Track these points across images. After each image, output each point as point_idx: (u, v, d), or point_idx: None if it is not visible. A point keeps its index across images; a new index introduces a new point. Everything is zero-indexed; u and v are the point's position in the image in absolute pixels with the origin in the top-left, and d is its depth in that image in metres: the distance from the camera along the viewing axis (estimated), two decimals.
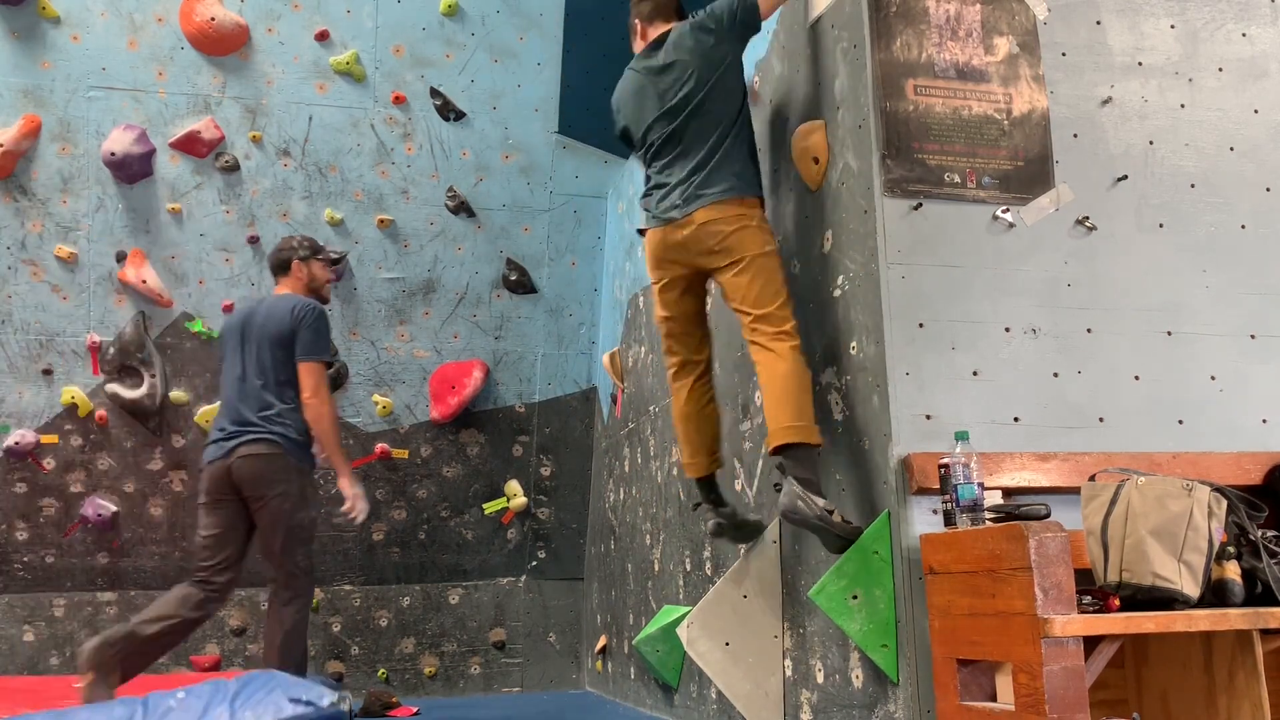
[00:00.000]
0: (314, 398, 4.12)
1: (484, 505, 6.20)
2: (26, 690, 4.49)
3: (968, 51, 3.08)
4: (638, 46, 3.55)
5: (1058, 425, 2.91)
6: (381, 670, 5.97)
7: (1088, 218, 3.07)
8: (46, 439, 5.75)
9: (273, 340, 4.16)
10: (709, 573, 4.11)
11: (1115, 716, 2.67)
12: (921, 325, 2.88)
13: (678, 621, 3.90)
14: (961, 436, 2.66)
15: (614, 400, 5.78)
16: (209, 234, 5.88)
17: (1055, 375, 2.95)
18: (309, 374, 4.14)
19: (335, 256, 4.78)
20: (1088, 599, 2.43)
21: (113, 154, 5.65)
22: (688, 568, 4.39)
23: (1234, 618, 2.41)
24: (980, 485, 2.63)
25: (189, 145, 5.81)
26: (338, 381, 6.04)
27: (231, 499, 4.06)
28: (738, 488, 3.87)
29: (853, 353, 3.01)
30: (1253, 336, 3.16)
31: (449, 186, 6.11)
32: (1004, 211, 3.00)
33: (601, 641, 5.72)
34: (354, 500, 4.21)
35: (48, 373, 5.76)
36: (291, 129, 5.92)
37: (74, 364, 5.78)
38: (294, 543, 4.04)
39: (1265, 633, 2.51)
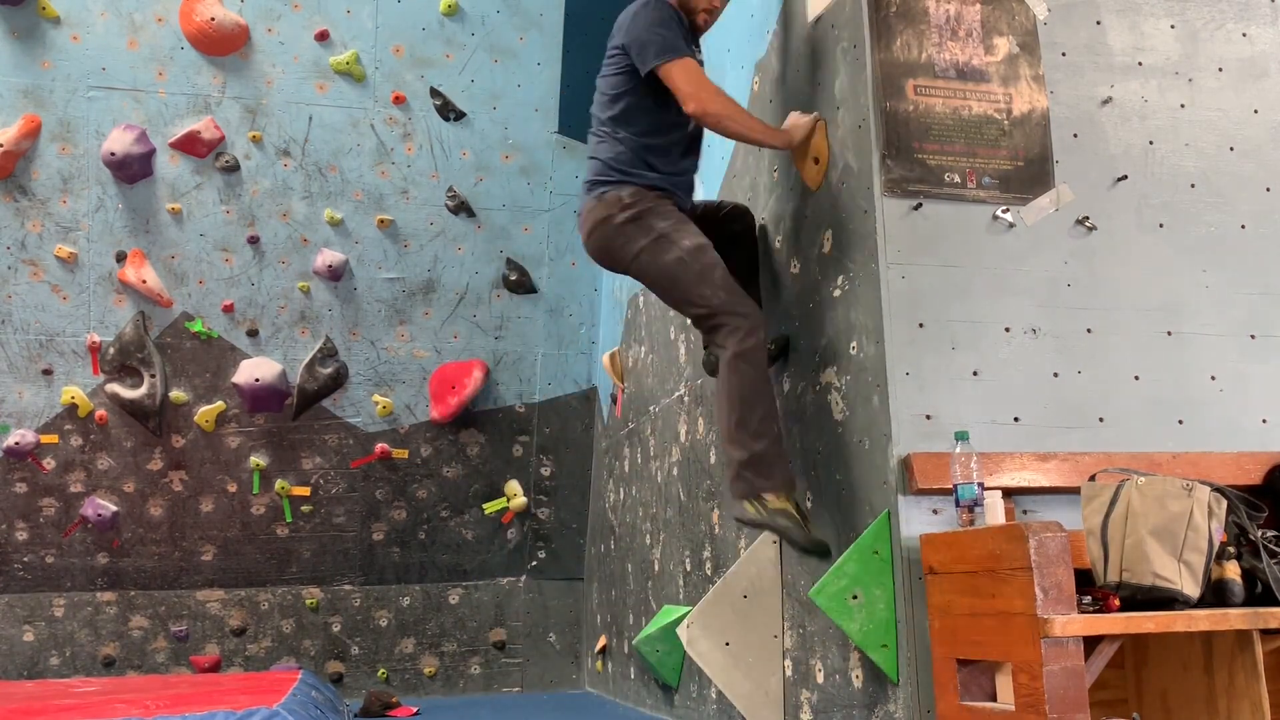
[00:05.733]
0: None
1: (484, 505, 6.20)
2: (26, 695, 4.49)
3: (968, 51, 3.08)
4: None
5: (1058, 425, 2.91)
6: (381, 670, 5.97)
7: (1088, 218, 3.07)
8: (46, 439, 5.75)
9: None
10: (709, 573, 4.11)
11: (1115, 716, 2.67)
12: (921, 325, 2.88)
13: (678, 621, 3.90)
14: (961, 436, 2.66)
15: (614, 400, 5.78)
16: (209, 234, 5.88)
17: (1055, 375, 2.95)
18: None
19: None
20: (1088, 599, 2.43)
21: (113, 154, 5.65)
22: (688, 568, 4.39)
23: (1234, 618, 2.41)
24: (980, 485, 2.63)
25: (189, 145, 5.81)
26: (337, 381, 6.04)
27: None
28: None
29: (853, 353, 3.01)
30: (1253, 336, 3.16)
31: (449, 186, 6.11)
32: (1004, 211, 3.00)
33: (601, 641, 5.71)
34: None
35: (48, 373, 5.76)
36: (291, 129, 5.92)
37: (74, 364, 5.78)
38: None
39: (1265, 633, 2.51)
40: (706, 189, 4.38)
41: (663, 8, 3.27)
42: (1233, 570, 2.53)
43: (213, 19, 5.74)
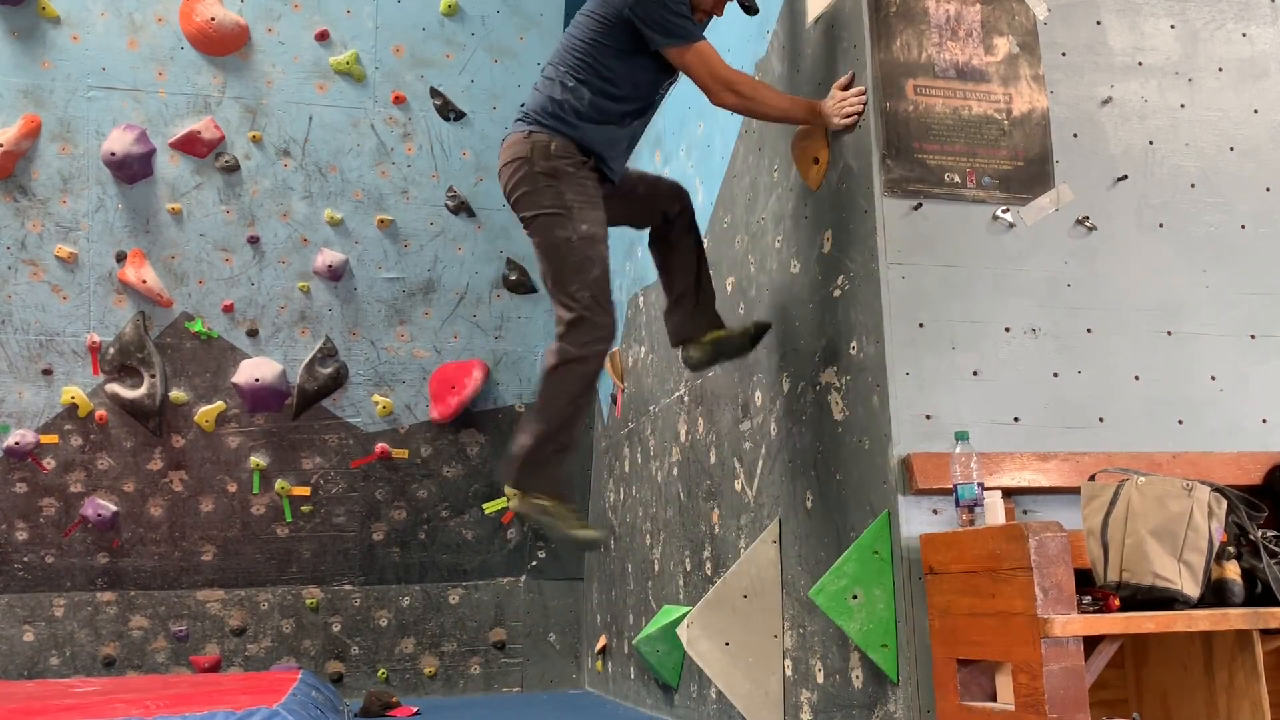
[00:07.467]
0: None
1: (484, 505, 6.20)
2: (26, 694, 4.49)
3: (968, 51, 3.08)
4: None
5: (1058, 425, 2.91)
6: (381, 670, 5.97)
7: (1088, 218, 3.07)
8: (46, 439, 5.75)
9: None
10: (709, 573, 4.11)
11: (1115, 716, 2.67)
12: (921, 325, 2.88)
13: (678, 621, 3.90)
14: (961, 436, 2.66)
15: (614, 400, 5.78)
16: (209, 234, 5.88)
17: (1055, 375, 2.95)
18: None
19: None
20: (1088, 599, 2.43)
21: (113, 154, 5.65)
22: (688, 568, 4.39)
23: (1234, 618, 2.41)
24: (980, 485, 2.63)
25: (189, 145, 5.82)
26: (337, 381, 6.04)
27: None
28: (738, 488, 3.87)
29: (853, 353, 3.01)
30: (1253, 336, 3.16)
31: (449, 186, 6.11)
32: (1004, 211, 3.00)
33: (601, 641, 5.71)
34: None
35: (48, 373, 5.76)
36: (291, 129, 5.92)
37: (74, 364, 5.78)
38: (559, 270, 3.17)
39: (1265, 633, 2.51)
40: (706, 190, 4.38)
41: None
42: (1233, 570, 2.53)
43: (213, 19, 5.74)
